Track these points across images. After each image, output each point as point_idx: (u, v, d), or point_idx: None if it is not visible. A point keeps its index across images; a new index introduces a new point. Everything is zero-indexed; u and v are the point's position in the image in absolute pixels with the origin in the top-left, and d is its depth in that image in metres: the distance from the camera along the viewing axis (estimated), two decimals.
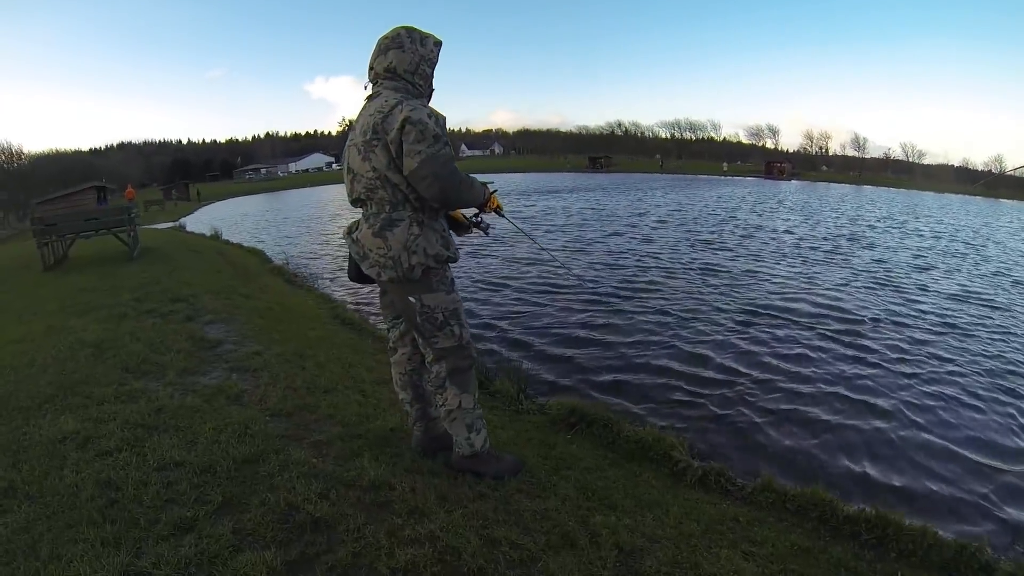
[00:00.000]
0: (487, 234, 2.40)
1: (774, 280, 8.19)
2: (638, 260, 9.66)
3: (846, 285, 7.98)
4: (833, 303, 6.89)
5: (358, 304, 6.91)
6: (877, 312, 6.55)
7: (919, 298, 7.41)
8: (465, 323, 2.20)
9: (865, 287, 7.93)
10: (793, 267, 9.29)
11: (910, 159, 74.39)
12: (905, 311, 6.69)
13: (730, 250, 10.76)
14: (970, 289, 8.23)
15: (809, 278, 8.40)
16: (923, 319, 6.38)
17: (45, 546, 1.62)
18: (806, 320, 6.10)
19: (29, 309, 4.99)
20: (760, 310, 6.48)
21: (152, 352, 3.50)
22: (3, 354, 3.57)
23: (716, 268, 8.99)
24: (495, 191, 2.28)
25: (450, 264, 2.17)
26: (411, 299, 2.09)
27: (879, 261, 10.19)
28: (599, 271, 8.78)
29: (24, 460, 2.12)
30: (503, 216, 2.38)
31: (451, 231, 2.25)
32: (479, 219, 2.33)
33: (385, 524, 1.82)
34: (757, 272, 8.77)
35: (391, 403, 3.05)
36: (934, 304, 7.12)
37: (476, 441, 2.25)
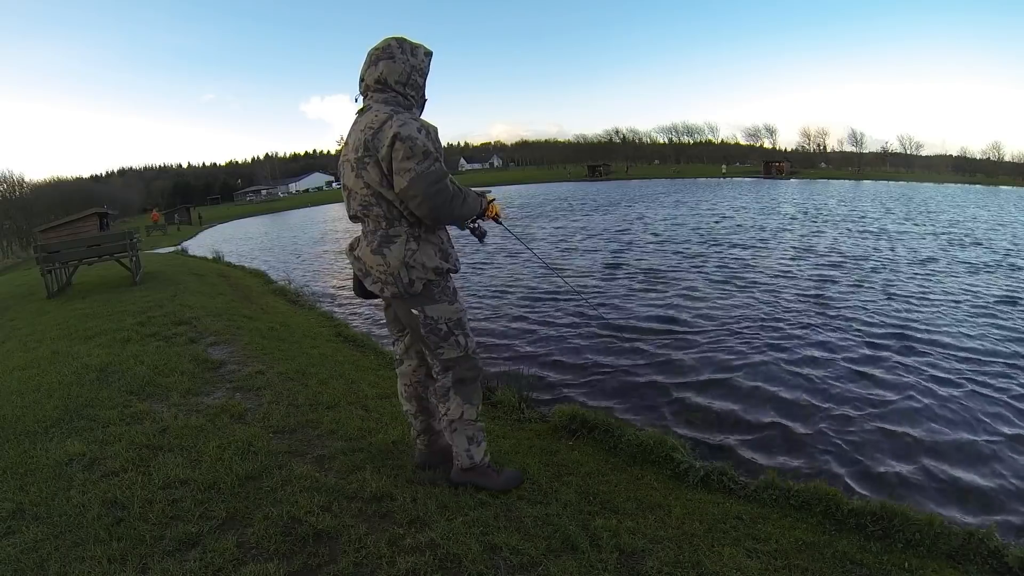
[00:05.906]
0: (482, 242, 2.39)
1: (769, 280, 8.21)
2: (629, 269, 9.67)
3: (845, 281, 7.99)
4: (828, 302, 6.90)
5: (360, 322, 6.94)
6: (873, 303, 6.55)
7: (913, 283, 7.41)
8: (470, 333, 2.21)
9: (855, 278, 7.94)
10: (788, 265, 9.31)
11: (908, 151, 74.55)
12: (896, 304, 6.68)
13: (722, 252, 10.78)
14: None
15: (804, 276, 8.41)
16: (917, 311, 6.37)
17: (53, 564, 1.65)
18: (803, 321, 6.10)
19: (34, 336, 5.04)
20: (757, 309, 6.49)
21: (156, 375, 3.54)
22: (10, 380, 3.61)
23: (711, 272, 9.01)
24: (493, 199, 2.31)
25: (452, 275, 2.18)
26: (414, 311, 2.09)
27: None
28: (592, 280, 8.80)
29: (31, 482, 2.15)
30: (500, 224, 2.39)
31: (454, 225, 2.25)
32: (476, 226, 2.33)
33: (386, 534, 1.84)
34: (752, 273, 8.79)
35: (393, 417, 3.07)
36: (937, 291, 7.12)
37: (476, 453, 2.25)
